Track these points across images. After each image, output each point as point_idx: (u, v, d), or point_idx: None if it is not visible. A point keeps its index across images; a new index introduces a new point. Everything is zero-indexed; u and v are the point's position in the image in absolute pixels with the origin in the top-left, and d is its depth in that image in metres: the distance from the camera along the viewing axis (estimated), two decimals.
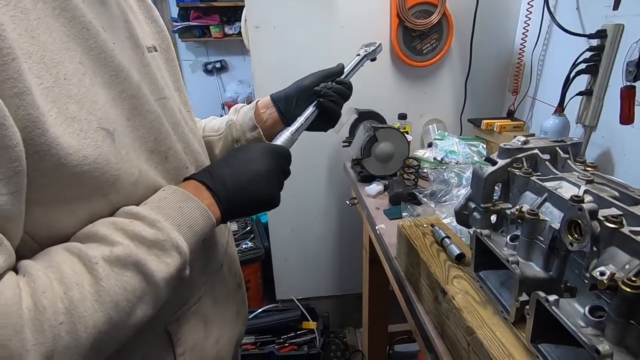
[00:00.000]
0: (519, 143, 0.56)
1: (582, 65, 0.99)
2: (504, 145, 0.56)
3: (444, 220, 0.80)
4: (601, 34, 0.96)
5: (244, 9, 1.35)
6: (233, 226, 1.98)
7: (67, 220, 0.38)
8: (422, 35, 1.35)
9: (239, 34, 3.10)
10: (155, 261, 0.39)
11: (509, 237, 0.53)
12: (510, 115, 1.41)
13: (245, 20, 1.38)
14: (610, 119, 0.96)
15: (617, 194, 0.44)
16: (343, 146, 1.33)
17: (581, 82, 1.01)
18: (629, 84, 0.88)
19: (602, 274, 0.36)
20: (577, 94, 1.02)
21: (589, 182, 0.46)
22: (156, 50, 0.52)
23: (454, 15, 1.33)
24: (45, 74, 0.33)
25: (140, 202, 0.43)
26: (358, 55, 0.75)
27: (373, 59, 0.76)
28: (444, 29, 1.35)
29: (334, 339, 1.73)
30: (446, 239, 0.67)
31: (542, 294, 0.41)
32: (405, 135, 1.20)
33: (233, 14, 3.22)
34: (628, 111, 0.88)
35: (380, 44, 0.76)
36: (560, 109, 1.05)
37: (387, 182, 1.15)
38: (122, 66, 0.41)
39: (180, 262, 0.41)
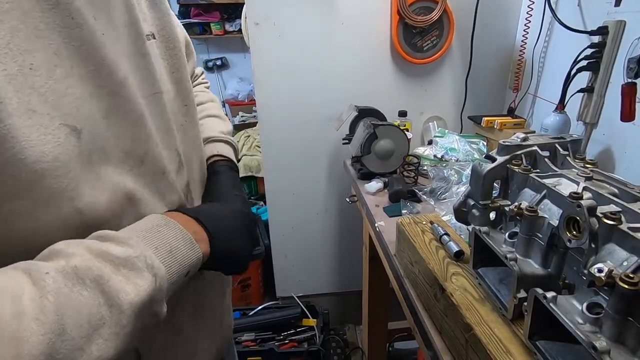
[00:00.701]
0: (518, 140, 0.56)
1: (583, 62, 0.99)
2: (503, 142, 0.56)
3: (443, 218, 0.80)
4: (602, 31, 0.95)
5: (244, 6, 1.35)
6: None
7: (29, 228, 0.32)
8: (422, 32, 1.34)
9: (240, 31, 3.10)
10: (122, 282, 0.32)
11: (507, 234, 0.52)
12: (511, 112, 1.40)
13: (246, 18, 1.38)
14: (612, 116, 0.95)
15: (616, 190, 0.44)
16: (343, 143, 1.33)
17: (582, 79, 1.01)
18: (630, 80, 0.87)
19: (600, 270, 0.36)
20: (578, 91, 1.01)
21: (588, 179, 0.46)
22: (154, 38, 0.48)
23: (455, 12, 1.33)
24: (9, 60, 0.30)
25: (110, 208, 0.38)
26: None
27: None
28: (445, 25, 1.35)
29: (334, 336, 1.74)
30: (445, 236, 0.67)
31: (540, 290, 0.41)
32: (405, 132, 1.20)
33: (234, 11, 3.21)
34: (629, 108, 0.88)
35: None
36: (561, 106, 1.04)
37: (386, 180, 1.15)
38: (107, 59, 0.37)
39: (153, 287, 0.33)
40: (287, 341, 1.52)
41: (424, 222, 0.75)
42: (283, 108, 1.45)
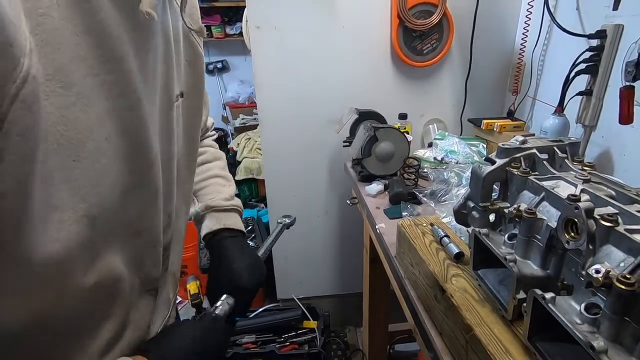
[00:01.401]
0: (517, 143, 0.57)
1: (582, 66, 1.00)
2: (503, 145, 0.56)
3: (443, 220, 0.81)
4: (601, 34, 0.96)
5: (245, 9, 1.36)
6: None
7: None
8: (422, 35, 1.35)
9: (240, 34, 3.11)
10: None
11: (507, 235, 0.53)
12: (511, 115, 1.41)
13: (247, 21, 1.39)
14: (610, 119, 0.96)
15: (613, 193, 0.45)
16: (343, 146, 1.34)
17: (581, 82, 1.01)
18: (628, 84, 0.88)
19: (598, 271, 0.36)
20: (577, 94, 1.02)
21: (585, 181, 0.47)
22: (182, 97, 0.47)
23: (455, 15, 1.34)
24: (61, 151, 0.29)
25: (94, 290, 0.36)
26: (279, 223, 0.80)
27: (288, 228, 0.82)
28: (444, 29, 1.36)
29: (335, 338, 1.74)
30: (445, 238, 0.68)
31: (539, 291, 0.41)
32: (406, 135, 1.21)
33: (234, 14, 3.23)
34: (627, 111, 0.89)
35: (295, 217, 0.83)
36: (560, 108, 1.05)
37: (387, 182, 1.15)
38: (147, 139, 0.37)
39: None
40: (287, 343, 1.52)
41: (424, 224, 0.76)
42: (284, 111, 1.45)
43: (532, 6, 1.29)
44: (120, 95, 0.33)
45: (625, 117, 0.90)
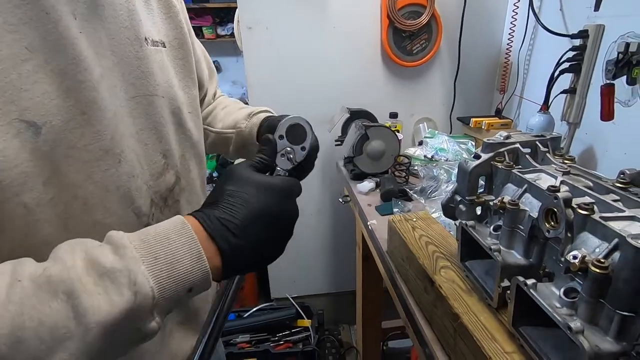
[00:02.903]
0: (502, 138, 0.59)
1: (566, 65, 1.03)
2: (488, 140, 0.58)
3: (433, 215, 0.83)
4: (583, 34, 0.99)
5: (237, 10, 1.37)
6: None
7: None
8: (412, 35, 1.38)
9: (232, 35, 3.12)
10: (97, 296, 0.30)
11: (492, 227, 0.55)
12: (498, 113, 1.44)
13: (238, 22, 1.40)
14: (593, 116, 0.99)
15: (590, 184, 0.47)
16: (335, 145, 1.35)
17: (565, 81, 1.05)
18: (608, 82, 0.91)
19: (575, 257, 0.38)
20: (561, 92, 1.05)
21: (565, 173, 0.49)
22: (164, 46, 0.51)
23: (443, 16, 1.37)
24: None
25: (58, 209, 0.37)
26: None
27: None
28: (433, 29, 1.38)
29: (329, 336, 1.75)
30: None
31: (521, 278, 0.43)
32: (396, 133, 1.23)
33: (225, 15, 3.23)
34: (608, 108, 0.92)
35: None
36: (545, 106, 1.08)
37: (378, 180, 1.17)
38: (82, 57, 0.37)
39: (130, 305, 0.31)
40: (282, 342, 1.53)
41: (414, 219, 0.78)
42: (276, 111, 1.46)
43: (518, 7, 1.32)
44: (29, 2, 0.34)
45: (607, 114, 0.93)
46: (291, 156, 0.49)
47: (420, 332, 0.65)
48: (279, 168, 0.48)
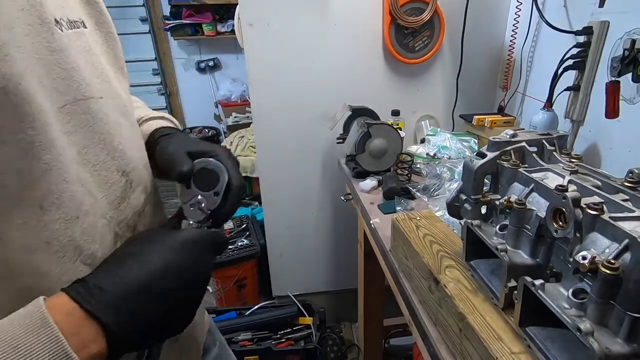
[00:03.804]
0: (508, 136, 0.58)
1: (570, 62, 1.02)
2: (493, 138, 0.58)
3: (436, 213, 0.82)
4: (587, 31, 0.98)
5: (237, 6, 1.36)
6: (228, 224, 1.98)
7: None
8: (414, 32, 1.37)
9: (232, 31, 3.10)
10: None
11: (498, 226, 0.55)
12: (501, 110, 1.44)
13: (239, 18, 1.39)
14: (597, 113, 0.98)
15: (599, 183, 0.46)
16: (337, 142, 1.35)
17: (569, 78, 1.04)
18: (613, 79, 0.90)
19: (584, 258, 0.38)
20: (565, 90, 1.04)
21: (573, 172, 0.49)
22: (85, 26, 0.39)
23: (445, 12, 1.35)
24: None
25: None
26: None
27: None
28: (436, 26, 1.37)
29: (331, 333, 1.75)
30: None
31: (529, 279, 0.43)
32: (399, 131, 1.22)
33: (226, 12, 3.21)
34: (613, 106, 0.91)
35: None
36: (548, 104, 1.07)
37: (380, 178, 1.17)
38: None
39: None
40: (283, 340, 1.53)
41: (418, 218, 0.77)
42: (277, 108, 1.46)
43: (521, 3, 1.31)
44: None
45: (611, 112, 0.92)
46: (202, 205, 0.43)
47: (424, 331, 0.65)
48: (187, 221, 0.43)
